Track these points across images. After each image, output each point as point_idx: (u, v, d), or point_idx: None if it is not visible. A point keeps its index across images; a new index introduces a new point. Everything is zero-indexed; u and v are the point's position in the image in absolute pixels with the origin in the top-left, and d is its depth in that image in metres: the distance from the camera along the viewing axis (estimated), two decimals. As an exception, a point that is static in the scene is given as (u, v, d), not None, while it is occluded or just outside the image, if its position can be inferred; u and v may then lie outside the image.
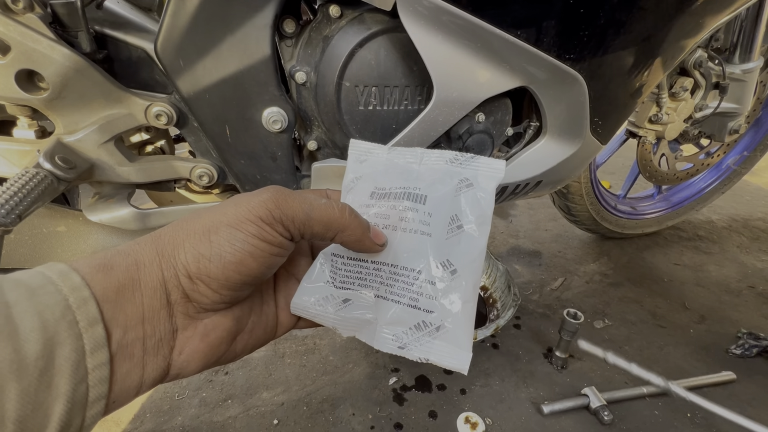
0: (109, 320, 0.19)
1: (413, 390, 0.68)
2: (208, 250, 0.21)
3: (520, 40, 0.42)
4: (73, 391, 0.18)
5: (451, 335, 0.26)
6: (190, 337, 0.23)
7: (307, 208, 0.23)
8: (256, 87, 0.43)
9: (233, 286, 0.22)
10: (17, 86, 0.34)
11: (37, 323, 0.17)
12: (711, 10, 0.50)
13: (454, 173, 0.30)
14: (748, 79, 0.74)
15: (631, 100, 0.58)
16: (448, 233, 0.28)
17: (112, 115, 0.39)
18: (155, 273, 0.21)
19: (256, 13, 0.40)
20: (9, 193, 0.29)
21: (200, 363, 0.23)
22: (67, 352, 0.18)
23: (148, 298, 0.21)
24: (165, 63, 0.40)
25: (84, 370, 0.18)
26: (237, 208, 0.22)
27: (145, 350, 0.21)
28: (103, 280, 0.20)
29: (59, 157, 0.35)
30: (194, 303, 0.22)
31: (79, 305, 0.18)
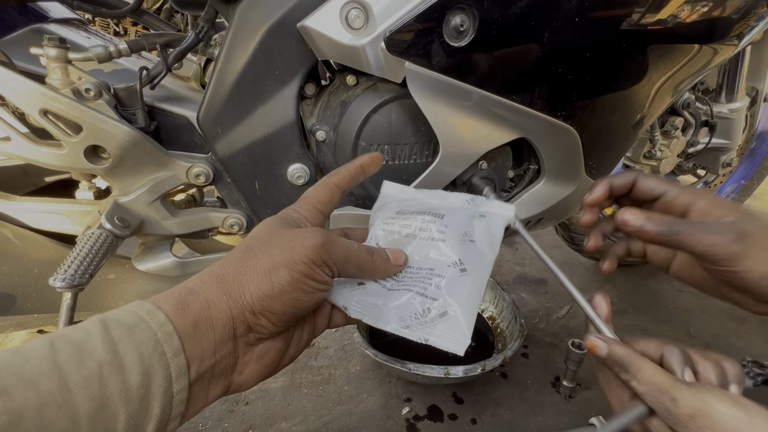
0: (189, 352, 0.23)
1: (425, 420, 0.70)
2: (270, 290, 0.25)
3: (515, 102, 0.48)
4: (162, 412, 0.21)
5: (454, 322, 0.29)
6: (248, 361, 0.26)
7: (346, 254, 0.28)
8: (283, 147, 0.49)
9: (289, 319, 0.26)
10: (85, 159, 0.40)
11: (137, 357, 0.20)
12: (687, 75, 0.55)
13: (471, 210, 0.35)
14: (735, 117, 0.79)
15: (621, 145, 0.63)
16: (461, 242, 0.32)
17: (160, 177, 0.44)
18: (224, 311, 0.24)
19: (284, 86, 0.46)
20: (81, 256, 0.34)
21: (256, 380, 0.27)
22: (159, 381, 0.21)
23: (219, 333, 0.24)
24: (205, 131, 0.46)
25: (170, 394, 0.22)
26: (293, 252, 0.26)
27: (213, 375, 0.25)
28: (183, 317, 0.23)
29: (117, 217, 0.40)
30: (254, 333, 0.26)
31: (165, 339, 0.22)
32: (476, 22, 0.40)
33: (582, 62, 0.46)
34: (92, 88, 0.38)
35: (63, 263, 0.33)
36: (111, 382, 0.19)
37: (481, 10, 0.40)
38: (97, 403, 0.19)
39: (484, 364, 0.66)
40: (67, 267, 0.33)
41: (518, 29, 0.41)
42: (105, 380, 0.19)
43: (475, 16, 0.40)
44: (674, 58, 0.54)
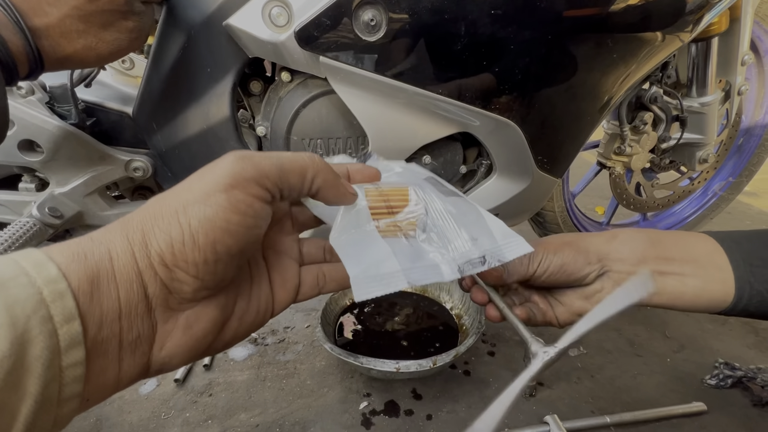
0: (84, 314, 0.18)
1: (381, 414, 0.71)
2: (179, 233, 0.19)
3: (443, 96, 0.48)
4: (43, 390, 0.17)
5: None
6: (171, 331, 0.21)
7: (276, 161, 0.22)
8: (219, 143, 0.50)
9: (213, 269, 0.20)
10: (19, 152, 0.42)
11: (5, 319, 0.16)
12: (631, 67, 0.54)
13: None
14: (708, 111, 0.77)
15: (572, 139, 0.62)
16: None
17: (97, 170, 0.47)
18: (129, 264, 0.19)
19: (216, 83, 0.48)
20: (4, 240, 0.36)
21: (184, 357, 0.22)
22: (38, 351, 0.16)
23: (125, 291, 0.19)
24: (141, 125, 0.48)
25: (57, 368, 0.17)
26: (201, 182, 0.20)
27: (122, 347, 0.20)
28: (78, 270, 0.18)
29: (49, 207, 0.43)
30: (174, 294, 0.20)
31: (54, 299, 0.17)
32: (387, 17, 0.41)
33: (507, 55, 0.47)
34: (23, 86, 0.40)
35: (-19, 248, 0.36)
36: None
37: (390, 4, 0.40)
38: None
39: (435, 359, 0.66)
40: (-17, 251, 0.35)
41: (431, 22, 0.42)
42: None
43: (385, 10, 0.41)
44: (616, 47, 0.53)
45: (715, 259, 0.37)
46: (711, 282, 0.36)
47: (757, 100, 0.93)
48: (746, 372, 0.70)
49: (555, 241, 0.39)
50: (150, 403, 0.75)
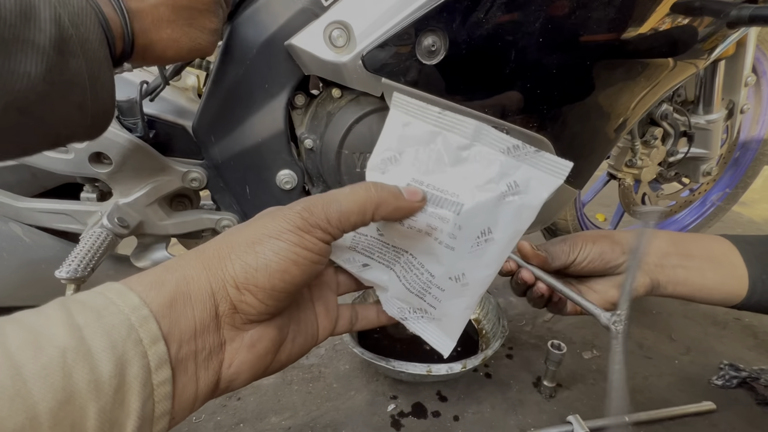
0: (167, 335, 0.20)
1: (410, 416, 0.73)
2: (255, 260, 0.22)
3: (489, 115, 0.51)
4: (143, 407, 0.18)
5: (445, 326, 0.30)
6: (237, 348, 0.23)
7: (336, 205, 0.23)
8: (272, 155, 0.52)
9: (278, 295, 0.23)
10: (89, 164, 0.43)
11: (107, 343, 0.17)
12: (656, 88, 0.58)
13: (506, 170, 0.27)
14: (713, 128, 0.82)
15: (596, 154, 0.66)
16: (472, 247, 0.27)
17: (157, 181, 0.48)
18: (203, 286, 0.21)
19: (273, 99, 0.50)
20: (84, 251, 0.38)
21: (249, 374, 0.24)
22: (135, 370, 0.18)
23: (199, 311, 0.21)
24: (199, 139, 0.50)
25: (150, 387, 0.19)
26: (275, 221, 0.23)
27: (197, 364, 0.21)
28: (157, 297, 0.20)
29: (117, 217, 0.44)
30: (241, 314, 0.23)
31: (141, 324, 0.19)
32: (447, 43, 0.44)
33: (549, 78, 0.50)
34: (97, 100, 0.42)
35: (68, 258, 0.37)
36: (77, 372, 0.16)
37: (450, 31, 0.43)
38: (60, 396, 0.16)
39: (465, 363, 0.69)
40: (71, 261, 0.36)
41: (486, 49, 0.45)
42: (69, 369, 0.16)
43: (445, 37, 0.44)
44: (642, 72, 0.57)
45: (731, 258, 0.41)
46: (728, 278, 0.41)
47: (754, 116, 1.00)
48: (750, 373, 0.75)
49: (592, 233, 0.43)
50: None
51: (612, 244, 0.42)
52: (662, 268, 0.42)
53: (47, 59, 0.25)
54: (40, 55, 0.25)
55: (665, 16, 0.52)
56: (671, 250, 0.42)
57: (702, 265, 0.41)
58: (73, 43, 0.27)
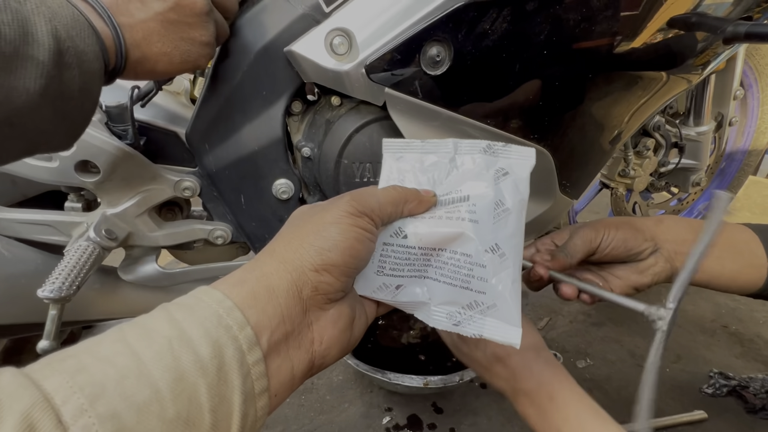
0: (255, 324, 0.22)
1: (405, 429, 0.72)
2: (325, 243, 0.25)
3: (490, 126, 0.50)
4: (243, 384, 0.21)
5: (502, 313, 0.29)
6: (324, 326, 0.26)
7: (376, 198, 0.28)
8: (268, 163, 0.51)
9: (349, 271, 0.26)
10: (75, 173, 0.41)
11: (203, 331, 0.20)
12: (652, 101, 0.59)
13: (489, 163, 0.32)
14: (702, 139, 0.84)
15: (593, 165, 0.67)
16: (494, 219, 0.29)
17: (148, 190, 0.46)
18: (285, 277, 0.24)
19: (271, 106, 0.48)
20: (69, 268, 0.35)
21: (337, 348, 0.27)
22: (231, 352, 0.20)
23: (284, 299, 0.24)
24: (193, 146, 0.48)
25: (246, 366, 0.21)
26: (330, 212, 0.27)
27: (289, 345, 0.24)
28: (240, 293, 0.23)
29: (105, 229, 0.42)
30: (322, 294, 0.25)
31: (227, 313, 0.21)
32: (452, 53, 0.43)
33: (551, 90, 0.50)
34: (84, 106, 0.39)
35: (51, 275, 0.35)
36: (183, 355, 0.19)
37: (456, 42, 0.43)
38: (174, 374, 0.19)
39: (462, 374, 0.68)
40: (55, 279, 0.34)
41: (491, 60, 0.44)
42: (177, 354, 0.19)
43: (450, 47, 0.43)
44: (638, 85, 0.58)
45: (751, 246, 0.42)
46: (746, 266, 0.41)
47: (739, 128, 1.02)
48: (740, 381, 0.76)
49: (615, 220, 0.43)
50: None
51: (635, 231, 0.42)
52: (681, 255, 0.42)
53: (46, 73, 0.26)
54: (39, 69, 0.25)
55: (663, 31, 0.53)
56: (690, 236, 0.42)
57: (721, 253, 0.41)
58: (69, 56, 0.27)
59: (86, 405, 0.16)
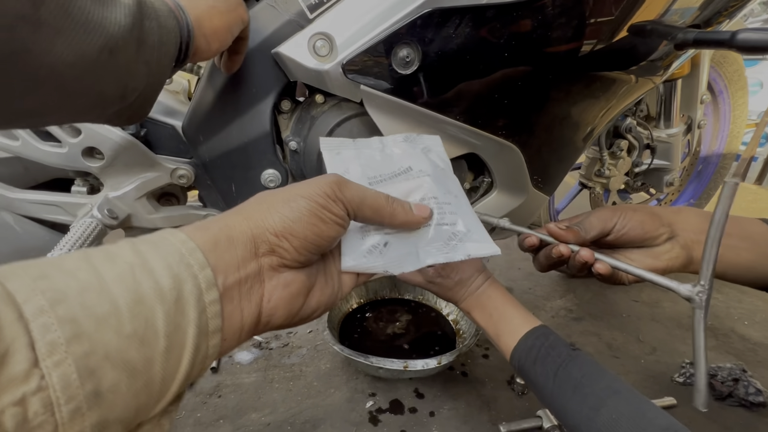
0: (213, 266, 0.23)
1: (387, 413, 0.75)
2: (291, 213, 0.26)
3: (460, 122, 0.55)
4: (198, 318, 0.21)
5: (477, 235, 0.35)
6: (275, 286, 0.27)
7: (362, 195, 0.29)
8: (257, 155, 0.56)
9: (309, 246, 0.27)
10: (82, 158, 0.46)
11: (165, 264, 0.21)
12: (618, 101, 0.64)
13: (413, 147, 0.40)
14: (673, 141, 0.88)
15: (563, 162, 0.71)
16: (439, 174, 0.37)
17: (147, 177, 0.51)
18: (245, 231, 0.25)
19: (259, 102, 0.53)
20: (74, 239, 0.40)
21: (284, 311, 0.27)
22: (190, 287, 0.21)
23: (241, 250, 0.25)
24: (189, 138, 0.53)
25: (203, 303, 0.22)
26: (308, 187, 0.27)
27: (242, 294, 0.25)
28: (202, 236, 0.24)
29: (107, 209, 0.47)
30: (277, 256, 0.26)
31: (190, 253, 0.22)
32: (420, 55, 0.48)
33: (515, 89, 0.55)
34: (92, 99, 0.45)
35: (58, 244, 0.39)
36: (144, 281, 0.20)
37: (423, 45, 0.48)
38: (134, 296, 0.19)
39: (440, 359, 0.71)
40: (62, 246, 0.39)
41: (456, 62, 0.49)
42: (138, 279, 0.20)
43: (419, 49, 0.48)
44: (602, 86, 0.63)
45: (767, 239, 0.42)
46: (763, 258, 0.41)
47: (714, 132, 1.07)
48: (708, 370, 0.79)
49: (633, 206, 0.44)
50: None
51: (652, 216, 0.43)
52: (698, 245, 0.42)
53: (131, 13, 0.30)
54: (126, 9, 0.30)
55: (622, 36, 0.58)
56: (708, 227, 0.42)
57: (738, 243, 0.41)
58: (147, 8, 0.31)
59: (47, 307, 0.16)
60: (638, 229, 0.42)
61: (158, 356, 0.20)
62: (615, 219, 0.42)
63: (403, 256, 0.33)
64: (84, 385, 0.17)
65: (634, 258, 0.44)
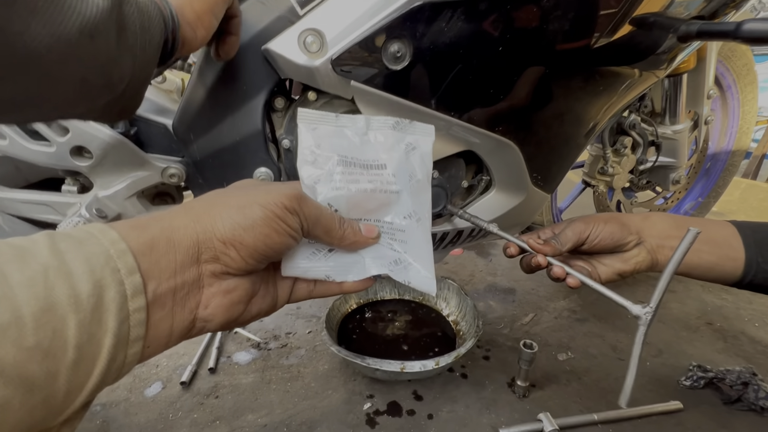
0: (145, 272, 0.21)
1: (385, 414, 0.74)
2: (243, 220, 0.25)
3: (455, 118, 0.54)
4: (119, 328, 0.20)
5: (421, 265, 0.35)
6: (214, 293, 0.26)
7: (318, 214, 0.29)
8: (249, 153, 0.55)
9: (258, 256, 0.26)
10: (70, 157, 0.46)
11: (86, 267, 0.19)
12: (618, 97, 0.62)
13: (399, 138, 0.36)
14: (679, 138, 0.86)
15: (563, 159, 0.70)
16: (410, 188, 0.35)
17: (137, 176, 0.50)
18: (190, 235, 0.24)
19: (251, 100, 0.53)
20: (60, 236, 0.40)
21: (223, 317, 0.26)
22: (112, 294, 0.20)
23: (181, 255, 0.23)
24: (179, 137, 0.52)
25: (126, 311, 0.20)
26: (268, 195, 0.26)
27: (175, 301, 0.23)
28: (138, 237, 0.22)
29: (96, 208, 0.46)
30: (221, 264, 0.25)
31: (119, 255, 0.21)
32: (411, 50, 0.47)
33: (511, 84, 0.53)
34: (80, 97, 0.44)
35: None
36: (58, 287, 0.18)
37: (415, 39, 0.47)
38: (42, 304, 0.17)
39: (437, 360, 0.70)
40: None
41: (449, 56, 0.48)
42: (51, 284, 0.18)
43: (410, 44, 0.47)
44: (603, 81, 0.61)
45: (730, 242, 0.47)
46: (723, 259, 0.46)
47: (722, 129, 1.04)
48: (717, 373, 0.77)
49: (604, 215, 0.49)
50: (156, 405, 0.76)
51: (621, 226, 0.48)
52: (662, 249, 0.48)
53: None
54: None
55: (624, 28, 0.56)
56: (673, 233, 0.48)
57: (700, 247, 0.46)
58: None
59: None
60: (608, 239, 0.47)
61: (64, 369, 0.18)
62: (588, 231, 0.47)
63: (348, 264, 0.33)
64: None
65: (606, 263, 0.49)
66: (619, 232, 0.48)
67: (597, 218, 0.49)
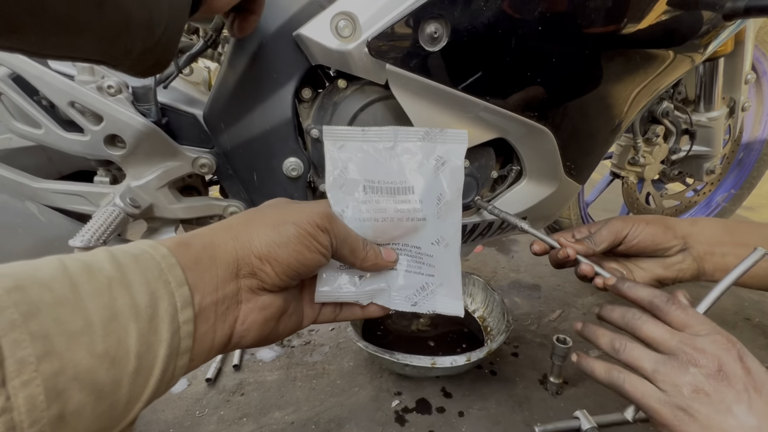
0: (192, 285, 0.23)
1: (414, 412, 0.72)
2: (278, 238, 0.26)
3: (490, 103, 0.52)
4: (171, 338, 0.21)
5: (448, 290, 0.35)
6: (251, 309, 0.27)
7: (345, 233, 0.30)
8: (279, 142, 0.54)
9: (291, 273, 0.27)
10: (104, 146, 0.45)
11: (143, 279, 0.20)
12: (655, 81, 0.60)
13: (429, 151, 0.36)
14: (714, 125, 0.83)
15: (597, 147, 0.67)
16: (438, 213, 0.34)
17: (168, 166, 0.50)
18: (230, 252, 0.25)
19: (281, 88, 0.52)
20: (97, 225, 0.39)
21: (256, 333, 0.27)
22: (165, 306, 0.21)
23: (222, 270, 0.25)
24: (210, 127, 0.52)
25: (177, 323, 0.21)
26: (301, 214, 0.28)
27: (217, 315, 0.24)
28: (184, 253, 0.23)
29: (129, 197, 0.46)
30: (258, 280, 0.26)
31: (169, 269, 0.22)
32: (449, 30, 0.45)
33: (549, 67, 0.51)
34: (113, 85, 0.44)
35: (82, 229, 0.38)
36: (120, 297, 0.19)
37: (452, 19, 0.45)
38: (108, 313, 0.18)
39: (469, 356, 0.68)
40: (86, 232, 0.38)
41: (487, 36, 0.47)
42: (114, 294, 0.19)
43: (447, 24, 0.45)
44: (641, 64, 0.59)
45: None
46: None
47: (756, 116, 1.00)
48: (762, 370, 0.73)
49: (645, 217, 0.46)
50: (183, 402, 0.76)
51: (665, 228, 0.44)
52: (712, 256, 0.45)
53: None
54: None
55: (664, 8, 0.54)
56: (726, 239, 0.45)
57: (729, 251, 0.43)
58: None
59: (19, 321, 0.16)
60: (649, 241, 0.44)
61: (127, 377, 0.19)
62: (626, 230, 0.45)
63: (375, 291, 0.34)
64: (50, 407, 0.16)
65: (645, 267, 0.46)
66: (662, 235, 0.44)
67: (639, 218, 0.46)
